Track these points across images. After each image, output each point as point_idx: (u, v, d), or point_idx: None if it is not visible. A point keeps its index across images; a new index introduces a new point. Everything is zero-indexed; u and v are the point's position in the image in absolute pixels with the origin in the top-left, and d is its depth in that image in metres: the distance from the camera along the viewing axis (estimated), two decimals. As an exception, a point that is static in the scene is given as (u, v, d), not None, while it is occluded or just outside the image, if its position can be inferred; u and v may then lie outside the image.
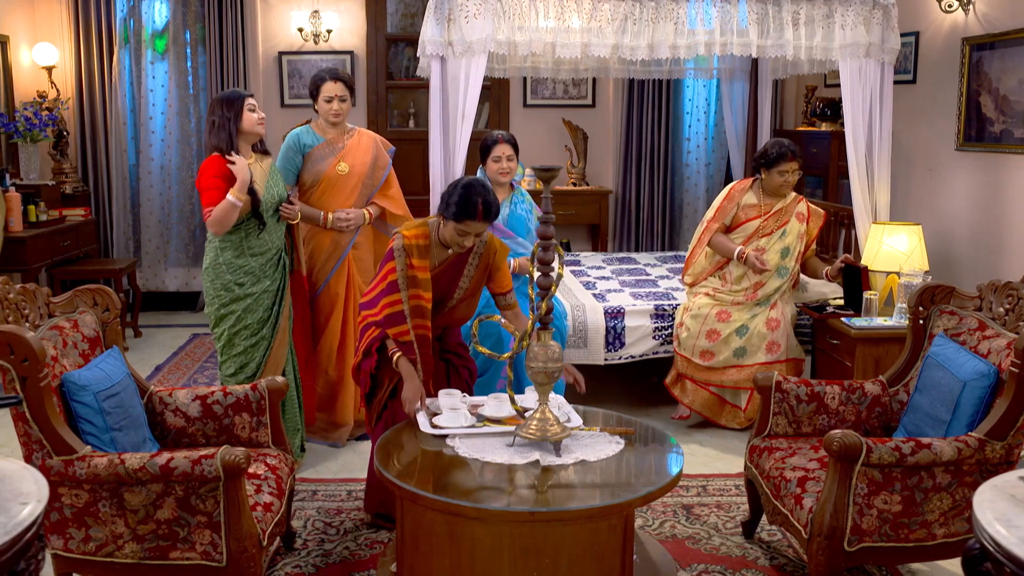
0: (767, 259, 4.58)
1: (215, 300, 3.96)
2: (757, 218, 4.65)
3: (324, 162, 4.36)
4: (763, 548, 3.45)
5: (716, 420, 4.68)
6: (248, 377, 3.99)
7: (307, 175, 4.38)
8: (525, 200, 4.65)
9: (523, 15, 4.55)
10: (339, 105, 4.32)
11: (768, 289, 4.60)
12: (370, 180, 4.45)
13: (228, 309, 3.94)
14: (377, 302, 3.41)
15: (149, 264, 7.41)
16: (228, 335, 3.96)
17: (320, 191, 4.37)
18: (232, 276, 3.91)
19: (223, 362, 4.02)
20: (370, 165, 4.43)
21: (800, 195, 4.80)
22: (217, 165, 3.81)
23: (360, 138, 4.46)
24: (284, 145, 4.41)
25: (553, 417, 2.90)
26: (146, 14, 7.15)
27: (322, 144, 4.37)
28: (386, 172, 4.50)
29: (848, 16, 4.65)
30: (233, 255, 3.91)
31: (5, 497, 1.75)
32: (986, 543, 1.74)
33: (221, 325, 3.97)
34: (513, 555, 2.61)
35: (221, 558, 2.71)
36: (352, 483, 4.02)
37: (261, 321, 3.99)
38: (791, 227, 4.63)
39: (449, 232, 3.36)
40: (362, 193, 4.43)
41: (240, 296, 3.93)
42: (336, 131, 4.41)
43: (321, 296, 4.45)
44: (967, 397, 2.98)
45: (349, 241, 4.44)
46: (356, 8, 7.33)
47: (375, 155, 4.46)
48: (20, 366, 2.64)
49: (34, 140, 6.38)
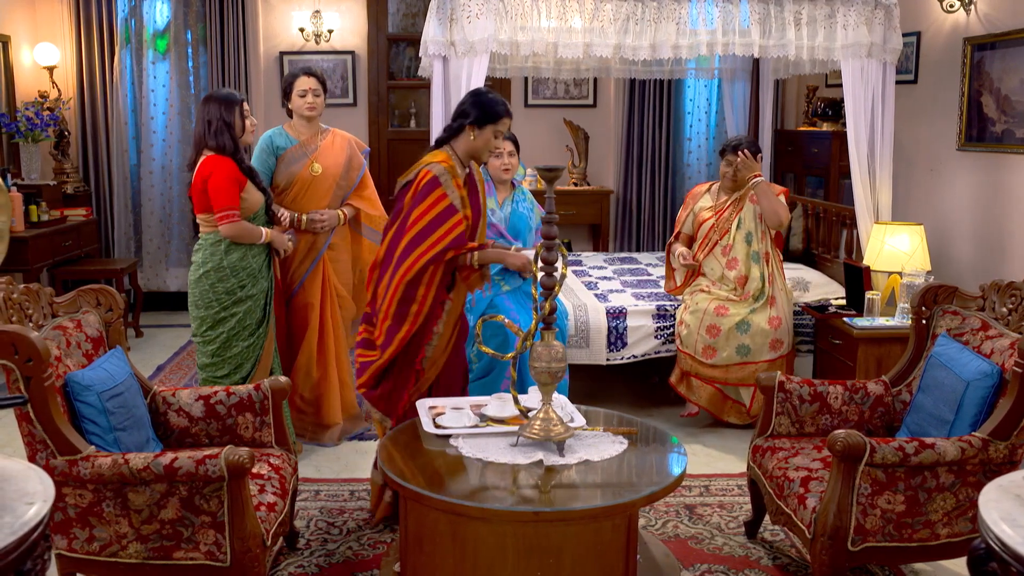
0: (736, 252, 4.66)
1: (214, 303, 3.91)
2: (711, 218, 4.74)
3: (297, 163, 4.32)
4: (766, 548, 3.45)
5: (720, 416, 4.69)
6: (243, 378, 3.96)
7: (280, 177, 4.33)
8: (526, 198, 4.66)
9: (525, 15, 4.55)
10: (313, 99, 4.30)
11: (754, 280, 4.62)
12: (344, 181, 4.42)
13: (230, 312, 3.92)
14: (430, 232, 3.30)
15: (150, 264, 7.42)
16: (226, 337, 3.92)
17: (294, 193, 4.33)
18: (236, 279, 3.91)
19: (211, 364, 3.95)
20: (344, 166, 4.40)
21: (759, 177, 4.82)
22: (226, 166, 3.81)
23: (334, 139, 4.43)
24: (257, 147, 4.37)
25: (556, 417, 2.90)
26: (147, 14, 7.16)
27: (295, 146, 4.34)
28: (360, 173, 4.47)
29: (850, 16, 4.65)
30: (239, 257, 3.91)
31: (11, 497, 1.75)
32: (992, 543, 1.75)
33: (218, 328, 3.92)
34: (517, 555, 2.61)
35: (225, 558, 2.71)
36: (354, 483, 4.02)
37: (258, 321, 3.99)
38: (745, 212, 4.67)
39: (483, 141, 3.42)
40: (336, 194, 4.41)
41: (243, 298, 3.92)
42: (309, 132, 4.38)
43: (297, 296, 4.42)
44: (970, 397, 2.98)
45: (325, 242, 4.42)
46: (357, 8, 7.34)
47: (349, 156, 4.43)
48: (24, 366, 2.64)
49: (35, 140, 6.38)
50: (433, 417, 3.16)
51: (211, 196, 3.81)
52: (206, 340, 3.95)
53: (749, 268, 4.64)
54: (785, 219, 4.67)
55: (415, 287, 3.35)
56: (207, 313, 3.92)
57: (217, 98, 3.88)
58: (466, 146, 3.43)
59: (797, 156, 6.91)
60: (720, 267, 4.72)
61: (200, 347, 3.98)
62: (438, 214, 3.33)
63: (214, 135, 3.84)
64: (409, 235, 3.34)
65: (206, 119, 3.86)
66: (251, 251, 3.94)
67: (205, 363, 3.97)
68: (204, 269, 3.90)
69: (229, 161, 3.82)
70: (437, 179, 3.34)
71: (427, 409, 3.25)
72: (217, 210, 3.81)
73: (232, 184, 3.81)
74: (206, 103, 3.89)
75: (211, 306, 3.91)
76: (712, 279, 4.75)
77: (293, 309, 4.43)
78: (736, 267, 4.66)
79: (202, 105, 3.91)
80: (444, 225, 3.32)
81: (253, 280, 3.94)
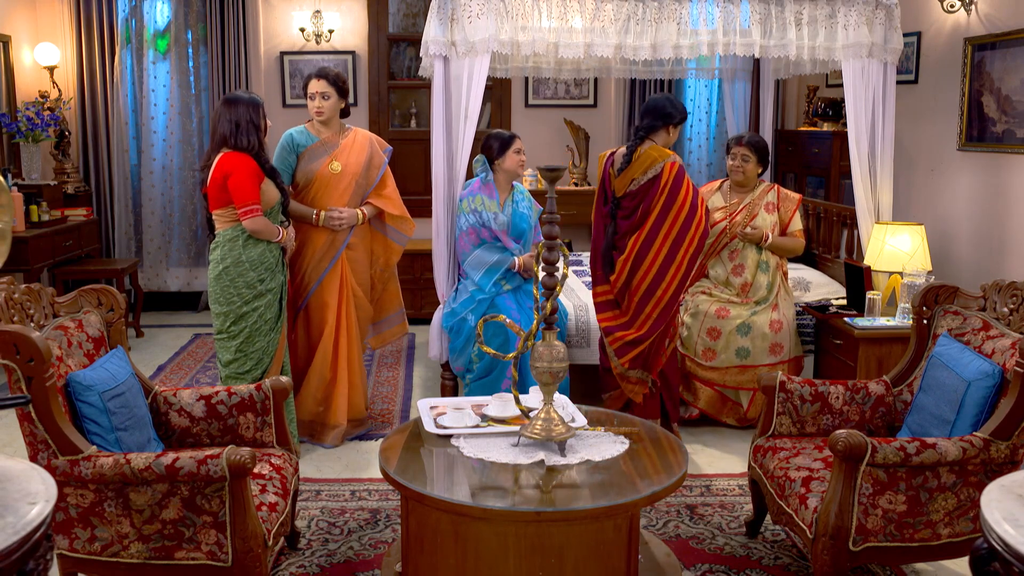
0: (745, 258, 4.67)
1: (236, 299, 3.97)
2: (723, 220, 4.72)
3: (317, 161, 4.37)
4: (767, 548, 3.45)
5: (718, 417, 4.68)
6: (264, 371, 4.04)
7: (300, 174, 4.39)
8: (525, 197, 4.69)
9: (526, 15, 4.55)
10: (320, 102, 4.33)
11: (759, 288, 4.61)
12: (364, 180, 4.44)
13: (251, 306, 3.98)
14: (696, 212, 4.25)
15: (151, 264, 7.42)
16: (249, 331, 3.99)
17: (313, 190, 4.38)
18: (255, 273, 3.97)
19: (235, 360, 4.01)
20: (364, 164, 4.43)
21: (774, 183, 4.81)
22: (246, 163, 3.86)
23: (355, 137, 4.46)
24: (278, 145, 4.43)
25: (558, 417, 2.90)
26: (148, 14, 7.16)
27: (316, 144, 4.39)
28: (380, 172, 4.50)
29: (851, 16, 4.65)
30: (258, 252, 3.97)
31: (14, 497, 1.75)
32: (994, 543, 1.75)
33: (241, 323, 3.98)
34: (518, 555, 2.61)
35: (226, 558, 2.71)
36: (355, 483, 4.02)
37: (276, 315, 4.07)
38: (759, 221, 4.65)
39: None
40: (355, 192, 4.43)
41: (262, 292, 3.99)
42: (330, 130, 4.42)
43: (314, 296, 4.44)
44: (971, 397, 2.98)
45: (343, 241, 4.43)
46: (358, 8, 7.34)
47: (370, 154, 4.46)
48: (26, 366, 2.64)
49: (36, 140, 6.38)
50: (434, 417, 3.16)
51: (233, 192, 3.88)
52: (231, 335, 4.01)
53: (756, 275, 4.63)
54: (801, 247, 4.73)
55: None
56: (229, 308, 3.98)
57: (247, 101, 3.94)
58: (664, 142, 4.30)
59: (798, 156, 6.91)
60: (725, 271, 4.70)
61: (223, 343, 4.04)
62: (695, 197, 4.22)
63: (244, 135, 3.90)
64: (694, 216, 4.19)
65: (234, 120, 3.89)
66: (269, 245, 4.01)
67: (229, 359, 4.03)
68: (224, 265, 3.96)
69: (248, 157, 3.89)
70: (683, 168, 4.23)
71: (428, 409, 3.25)
72: (239, 205, 3.88)
73: (253, 180, 3.88)
74: (233, 105, 3.92)
75: (232, 301, 3.97)
76: (716, 282, 4.74)
77: (310, 308, 4.45)
78: (742, 274, 4.66)
79: (226, 107, 3.93)
80: (701, 207, 4.24)
81: (271, 274, 4.02)
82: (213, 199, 3.94)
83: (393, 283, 4.75)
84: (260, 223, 3.91)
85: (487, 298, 4.52)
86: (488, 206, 4.54)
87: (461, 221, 4.58)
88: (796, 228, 4.70)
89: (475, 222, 4.53)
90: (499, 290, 4.55)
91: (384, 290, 4.72)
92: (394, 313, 4.78)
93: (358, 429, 4.62)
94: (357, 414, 4.60)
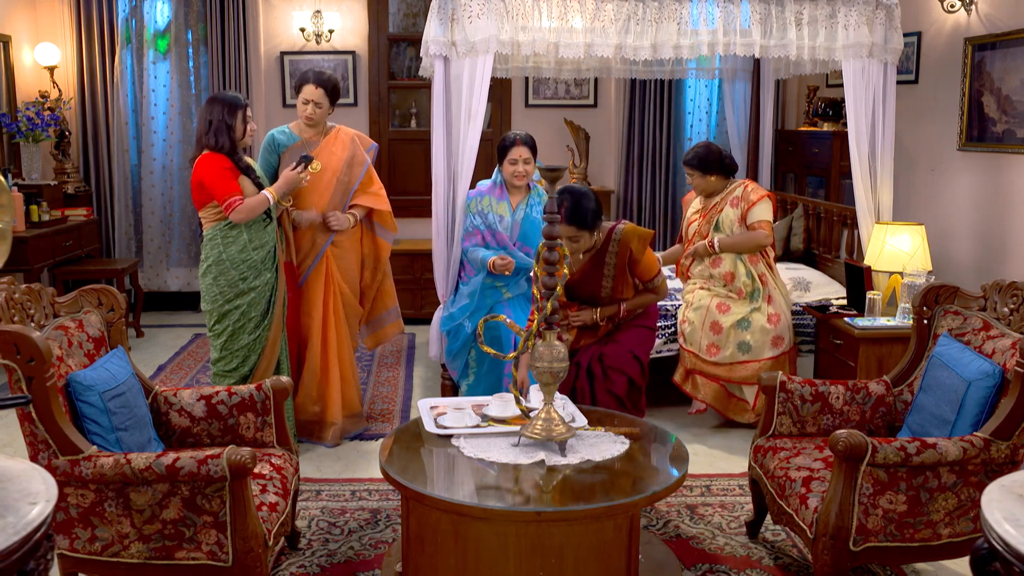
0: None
1: (218, 297, 4.03)
2: (695, 221, 4.81)
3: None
4: (767, 548, 3.45)
5: (725, 413, 4.68)
6: (250, 370, 4.08)
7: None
8: (542, 202, 4.60)
9: (526, 15, 4.55)
10: (313, 109, 4.34)
11: (741, 276, 4.62)
12: (345, 177, 4.43)
13: (233, 304, 4.03)
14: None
15: (151, 264, 7.42)
16: (232, 329, 4.04)
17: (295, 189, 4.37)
18: (236, 272, 4.01)
19: (221, 358, 4.08)
20: (345, 162, 4.42)
21: (746, 180, 4.80)
22: (218, 160, 3.93)
23: (336, 135, 4.46)
24: (262, 146, 4.45)
25: (558, 417, 2.90)
26: (148, 14, 7.16)
27: (296, 143, 4.40)
28: (364, 169, 4.48)
29: (851, 16, 4.65)
30: (237, 250, 4.01)
31: (14, 497, 1.75)
32: (995, 542, 1.75)
33: (224, 321, 4.05)
34: (518, 555, 2.61)
35: (227, 558, 2.71)
36: (356, 483, 4.02)
37: (262, 314, 4.08)
38: (724, 216, 4.70)
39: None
40: (337, 190, 4.42)
41: (244, 291, 4.03)
42: (313, 130, 4.43)
43: (300, 292, 4.46)
44: (972, 397, 2.98)
45: (327, 240, 4.43)
46: (358, 8, 7.34)
47: (352, 152, 4.45)
48: (26, 366, 2.64)
49: (36, 140, 6.38)
50: (435, 417, 3.16)
51: (212, 190, 3.95)
52: (216, 333, 4.09)
53: (735, 265, 4.65)
54: (764, 241, 4.62)
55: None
56: (214, 306, 4.06)
57: (221, 100, 4.00)
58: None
59: (798, 156, 6.91)
60: (707, 268, 4.75)
61: (212, 342, 4.13)
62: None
63: (213, 134, 3.96)
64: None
65: (207, 119, 3.98)
66: (251, 244, 4.03)
67: (216, 357, 4.12)
68: (207, 263, 4.05)
69: (221, 156, 3.95)
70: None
71: (428, 409, 3.25)
72: (221, 202, 3.95)
73: (227, 173, 3.94)
74: (210, 104, 4.01)
75: (216, 299, 4.05)
76: (702, 278, 4.77)
77: (297, 306, 4.45)
78: (720, 264, 4.69)
79: (206, 105, 4.03)
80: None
81: (255, 272, 4.04)
82: (195, 199, 4.05)
83: (387, 281, 4.75)
84: (243, 212, 3.96)
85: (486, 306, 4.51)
86: (496, 208, 4.51)
87: (466, 222, 4.57)
88: (755, 220, 4.63)
89: (479, 224, 4.51)
90: (499, 297, 4.54)
91: (379, 288, 4.72)
92: (388, 311, 4.78)
93: (355, 426, 4.61)
94: (352, 409, 4.60)
